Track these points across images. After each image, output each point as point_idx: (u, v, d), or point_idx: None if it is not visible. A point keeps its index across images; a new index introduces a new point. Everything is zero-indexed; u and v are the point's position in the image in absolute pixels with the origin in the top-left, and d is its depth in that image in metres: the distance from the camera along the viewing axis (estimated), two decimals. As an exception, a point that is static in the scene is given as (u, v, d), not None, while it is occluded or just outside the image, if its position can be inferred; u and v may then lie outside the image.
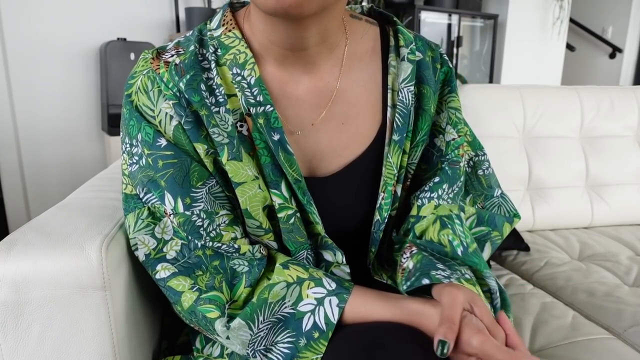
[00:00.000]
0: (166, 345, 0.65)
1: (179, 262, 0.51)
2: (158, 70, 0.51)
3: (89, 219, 0.55)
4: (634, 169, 1.37)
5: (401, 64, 0.56)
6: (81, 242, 0.49)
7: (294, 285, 0.49)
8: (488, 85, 1.36)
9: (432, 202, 0.57)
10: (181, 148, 0.51)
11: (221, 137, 0.50)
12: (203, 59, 0.52)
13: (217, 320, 0.48)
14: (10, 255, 0.47)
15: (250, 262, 0.52)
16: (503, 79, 3.18)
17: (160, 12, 2.39)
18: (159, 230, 0.52)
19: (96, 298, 0.48)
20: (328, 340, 0.46)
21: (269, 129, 0.51)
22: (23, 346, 0.48)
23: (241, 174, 0.51)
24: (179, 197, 0.51)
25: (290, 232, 0.54)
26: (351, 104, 0.56)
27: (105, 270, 0.48)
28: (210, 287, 0.50)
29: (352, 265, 0.59)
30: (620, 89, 1.42)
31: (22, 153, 2.28)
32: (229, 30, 0.53)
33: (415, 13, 2.83)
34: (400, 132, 0.55)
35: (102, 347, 0.50)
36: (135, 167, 0.52)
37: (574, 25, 3.92)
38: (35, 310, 0.47)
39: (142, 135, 0.51)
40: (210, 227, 0.51)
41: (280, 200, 0.52)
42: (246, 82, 0.51)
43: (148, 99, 0.51)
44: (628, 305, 0.88)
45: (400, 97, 0.55)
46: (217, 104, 0.51)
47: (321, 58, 0.54)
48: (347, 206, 0.57)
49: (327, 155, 0.56)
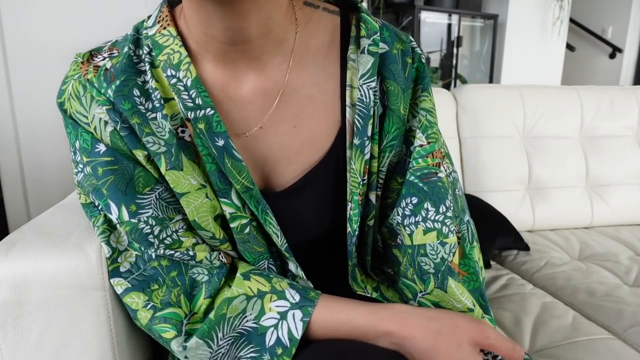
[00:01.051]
0: None
1: (133, 276, 0.48)
2: (87, 75, 0.47)
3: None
4: (634, 169, 1.37)
5: (361, 57, 0.48)
6: (81, 242, 0.49)
7: (255, 299, 0.46)
8: (488, 85, 1.36)
9: (420, 227, 0.50)
10: (121, 153, 0.48)
11: (157, 146, 0.46)
12: (139, 60, 0.48)
13: (173, 340, 0.45)
14: (10, 255, 0.47)
15: (210, 271, 0.49)
16: (503, 79, 3.18)
17: (160, 12, 2.39)
18: (113, 239, 0.49)
19: (96, 298, 0.48)
20: (291, 356, 0.44)
21: (212, 134, 0.46)
22: (23, 346, 0.48)
23: (183, 183, 0.47)
24: (123, 204, 0.47)
25: (247, 242, 0.50)
26: (303, 104, 0.50)
27: (105, 271, 0.48)
28: (165, 304, 0.47)
29: (329, 276, 0.57)
30: (620, 89, 1.42)
31: (22, 153, 2.28)
32: (164, 28, 0.48)
33: (415, 13, 2.83)
34: (360, 135, 0.48)
35: (102, 347, 0.50)
36: (80, 175, 0.49)
37: (574, 25, 3.92)
38: (35, 310, 0.47)
39: (80, 143, 0.48)
40: (164, 234, 0.48)
41: (232, 210, 0.48)
42: (182, 84, 0.46)
43: (80, 105, 0.47)
44: (628, 305, 0.88)
45: (360, 96, 0.48)
46: (154, 109, 0.46)
47: (267, 53, 0.48)
48: (309, 216, 0.53)
49: (280, 161, 0.51)
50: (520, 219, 1.31)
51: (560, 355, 0.73)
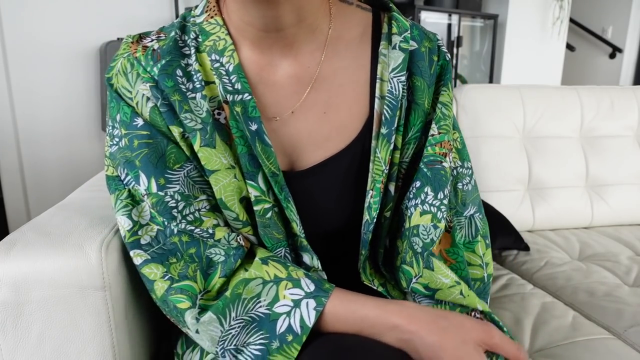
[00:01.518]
0: (167, 348, 0.65)
1: (152, 249, 0.49)
2: (135, 54, 0.51)
3: (89, 219, 0.55)
4: (634, 169, 1.37)
5: (392, 53, 0.52)
6: (81, 242, 0.49)
7: (271, 284, 0.47)
8: (488, 85, 1.36)
9: (417, 210, 0.52)
10: (158, 129, 0.50)
11: (194, 123, 0.49)
12: (184, 45, 0.52)
13: (188, 311, 0.46)
14: (10, 255, 0.47)
15: (227, 252, 0.50)
16: (503, 79, 3.18)
17: (160, 12, 2.39)
18: (136, 213, 0.50)
19: (96, 298, 0.48)
20: (301, 344, 0.44)
21: (246, 118, 0.49)
22: (23, 346, 0.48)
23: (214, 161, 0.49)
24: (153, 177, 0.49)
25: (267, 226, 0.51)
26: (334, 92, 0.53)
27: (105, 271, 0.48)
28: (182, 276, 0.48)
29: (340, 269, 0.57)
30: (620, 89, 1.42)
31: (22, 153, 2.28)
32: (211, 17, 0.52)
33: (415, 13, 2.83)
34: (388, 125, 0.51)
35: (102, 347, 0.50)
36: (114, 148, 0.52)
37: (574, 25, 3.92)
38: (35, 311, 0.47)
39: (121, 116, 0.51)
40: (187, 210, 0.50)
41: (257, 193, 0.50)
42: (224, 69, 0.50)
43: (126, 81, 0.51)
44: (628, 305, 0.88)
45: (390, 88, 0.51)
46: (194, 89, 0.50)
47: (300, 40, 0.51)
48: (330, 204, 0.54)
49: (308, 146, 0.53)
50: (520, 219, 1.31)
51: (560, 355, 0.73)
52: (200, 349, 0.54)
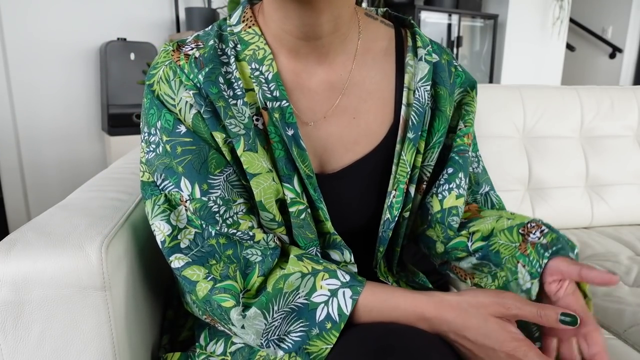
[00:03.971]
0: (167, 340, 0.65)
1: (192, 252, 0.51)
2: (179, 62, 0.53)
3: (89, 219, 0.55)
4: (634, 169, 1.37)
5: (419, 64, 0.57)
6: (81, 242, 0.49)
7: (309, 276, 0.49)
8: (488, 85, 1.36)
9: (453, 193, 0.58)
10: (200, 136, 0.52)
11: (237, 128, 0.51)
12: (222, 53, 0.54)
13: (233, 309, 0.48)
14: (10, 255, 0.47)
15: (264, 252, 0.52)
16: (503, 79, 3.18)
17: (160, 12, 2.39)
18: (174, 218, 0.52)
19: (96, 298, 0.48)
20: (339, 331, 0.46)
21: (284, 123, 0.52)
22: (23, 346, 0.48)
23: (256, 165, 0.51)
24: (197, 182, 0.51)
25: (301, 227, 0.54)
26: (362, 98, 0.57)
27: (105, 270, 0.48)
28: (224, 276, 0.50)
29: (359, 267, 0.59)
30: (620, 89, 1.42)
31: (22, 153, 2.28)
32: (249, 27, 0.55)
33: (415, 13, 2.83)
34: (415, 130, 0.56)
35: (102, 347, 0.50)
36: (152, 154, 0.53)
37: (574, 25, 3.92)
38: (35, 310, 0.47)
39: (162, 123, 0.52)
40: (227, 214, 0.52)
41: (292, 195, 0.53)
42: (264, 77, 0.53)
43: (169, 88, 0.52)
44: (628, 305, 0.88)
45: (417, 96, 0.56)
46: (235, 96, 0.52)
47: (334, 50, 0.55)
48: (355, 203, 0.58)
49: (338, 149, 0.56)
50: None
51: (560, 355, 0.73)
52: (224, 340, 0.57)
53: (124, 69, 2.15)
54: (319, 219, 0.55)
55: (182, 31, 2.40)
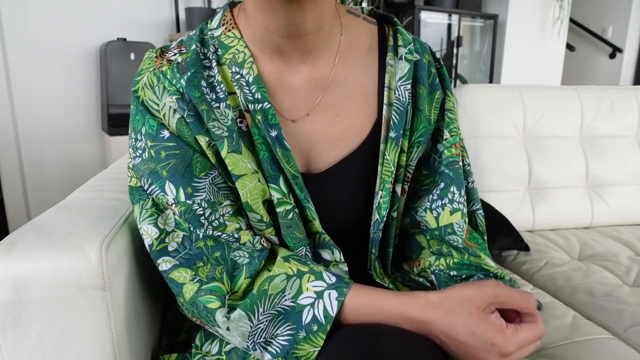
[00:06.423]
0: (166, 341, 0.65)
1: (180, 254, 0.51)
2: (161, 68, 0.53)
3: (89, 219, 0.55)
4: (634, 169, 1.37)
5: (399, 63, 0.57)
6: (81, 242, 0.49)
7: (294, 278, 0.49)
8: (488, 85, 1.36)
9: (447, 209, 0.57)
10: (184, 140, 0.53)
11: (221, 131, 0.51)
12: (204, 57, 0.54)
13: (218, 310, 0.48)
14: (10, 255, 0.47)
15: (251, 254, 0.52)
16: (503, 79, 3.18)
17: (160, 12, 2.39)
18: (161, 221, 0.52)
19: (96, 298, 0.48)
20: (326, 333, 0.46)
21: (267, 125, 0.52)
22: (23, 346, 0.48)
23: (241, 166, 0.52)
24: (181, 186, 0.52)
25: (289, 227, 0.54)
26: (345, 95, 0.57)
27: (105, 270, 0.48)
28: (210, 278, 0.50)
29: (351, 268, 0.59)
30: (620, 89, 1.42)
31: (22, 153, 2.28)
32: (229, 30, 0.55)
33: (415, 13, 2.83)
34: (397, 129, 0.55)
35: (102, 347, 0.50)
36: (138, 160, 0.54)
37: (574, 25, 3.92)
38: (35, 310, 0.47)
39: (146, 128, 0.53)
40: (213, 217, 0.52)
41: (279, 195, 0.53)
42: (245, 80, 0.53)
43: (153, 94, 0.53)
44: (628, 305, 0.88)
45: (397, 95, 0.56)
46: (218, 99, 0.52)
47: (317, 47, 0.55)
48: (342, 202, 0.58)
49: (323, 146, 0.56)
50: (520, 219, 1.31)
51: (560, 355, 0.73)
52: (219, 340, 0.57)
53: (124, 69, 2.15)
54: (307, 219, 0.55)
55: (182, 31, 2.40)
